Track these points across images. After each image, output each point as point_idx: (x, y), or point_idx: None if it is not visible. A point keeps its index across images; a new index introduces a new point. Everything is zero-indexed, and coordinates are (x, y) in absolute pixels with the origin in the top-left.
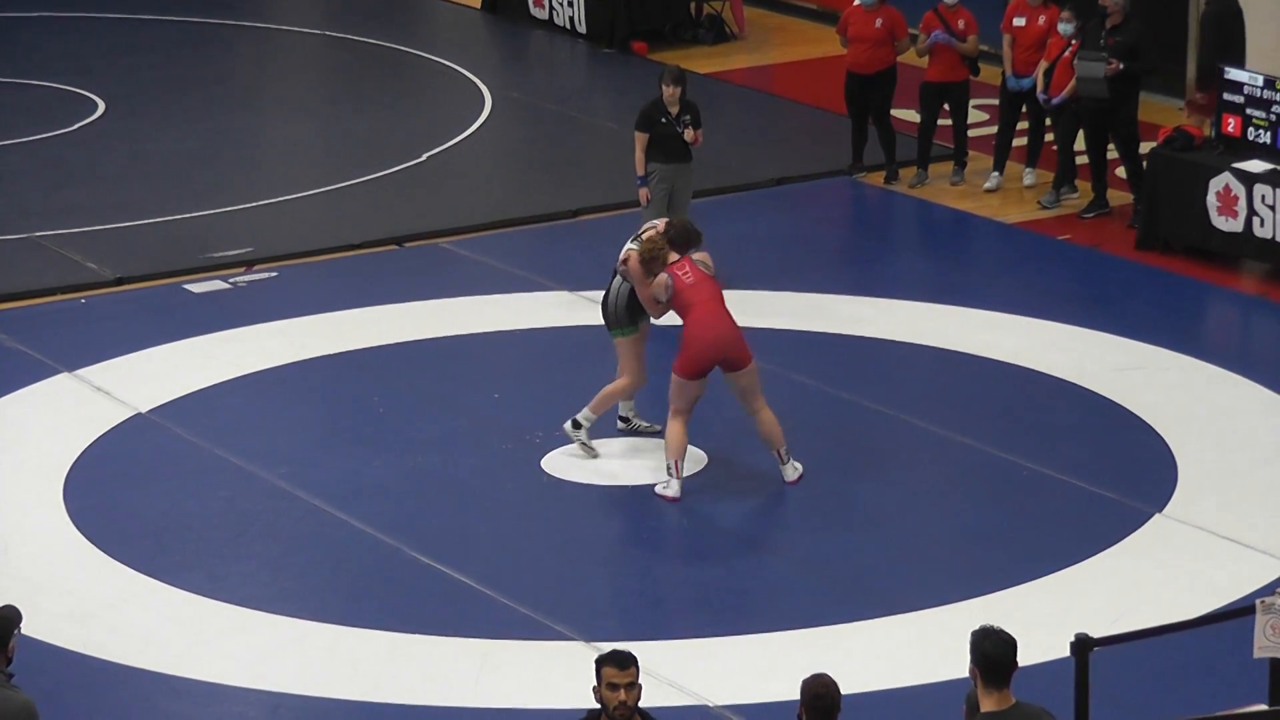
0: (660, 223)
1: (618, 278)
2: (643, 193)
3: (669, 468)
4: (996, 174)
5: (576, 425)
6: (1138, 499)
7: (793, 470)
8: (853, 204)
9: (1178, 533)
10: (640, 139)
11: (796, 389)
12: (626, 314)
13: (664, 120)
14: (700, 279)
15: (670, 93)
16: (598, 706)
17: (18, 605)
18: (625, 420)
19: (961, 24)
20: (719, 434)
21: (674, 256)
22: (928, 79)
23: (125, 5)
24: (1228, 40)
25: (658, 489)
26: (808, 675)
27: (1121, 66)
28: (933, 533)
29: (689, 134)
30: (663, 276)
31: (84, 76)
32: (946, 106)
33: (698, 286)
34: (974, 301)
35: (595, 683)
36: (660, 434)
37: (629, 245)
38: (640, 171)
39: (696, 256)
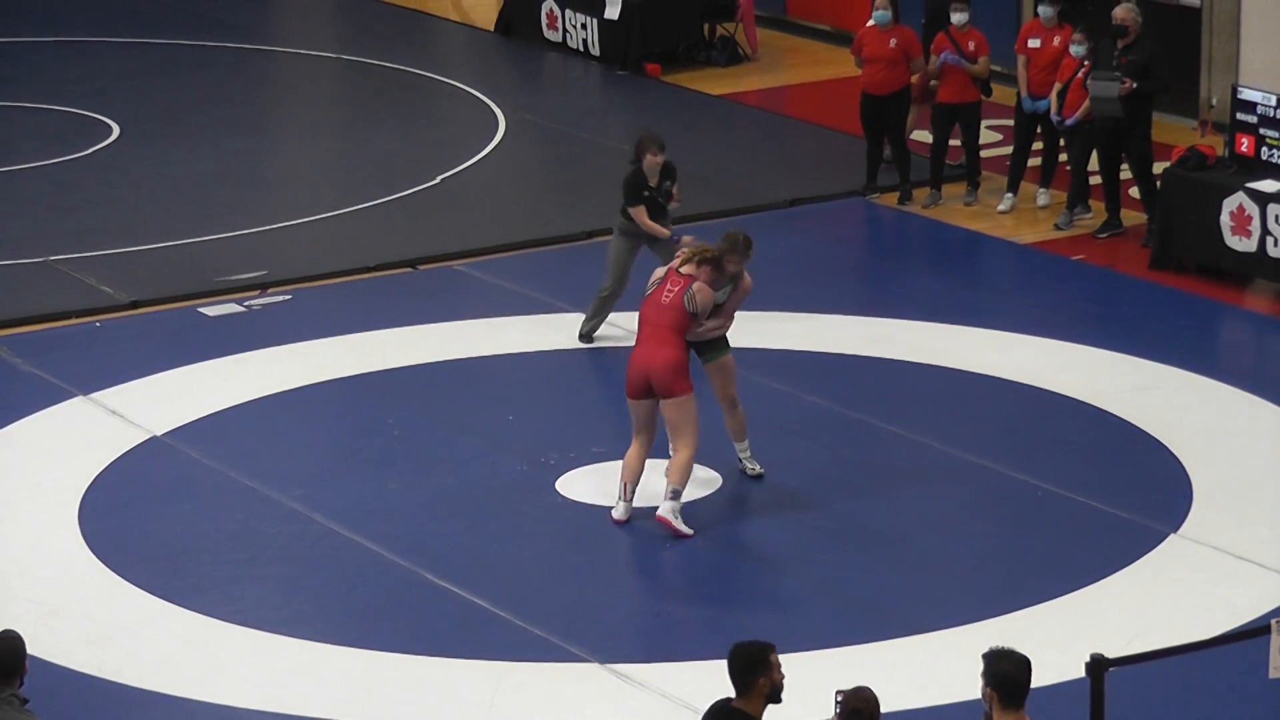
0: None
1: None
2: (685, 240)
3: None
4: (1010, 195)
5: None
6: (1152, 519)
7: (667, 507)
8: (866, 225)
9: (1193, 552)
10: (639, 211)
11: (810, 409)
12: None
13: (648, 192)
14: (652, 299)
15: (653, 160)
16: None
17: (33, 628)
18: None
19: (972, 45)
20: (732, 454)
21: (689, 268)
22: (939, 100)
23: (140, 29)
24: None
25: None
26: (849, 688)
27: (1135, 86)
28: (947, 553)
29: (673, 203)
30: (662, 270)
31: (98, 100)
32: (959, 127)
33: (658, 308)
34: (988, 321)
35: (761, 677)
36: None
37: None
38: (666, 232)
39: (696, 289)
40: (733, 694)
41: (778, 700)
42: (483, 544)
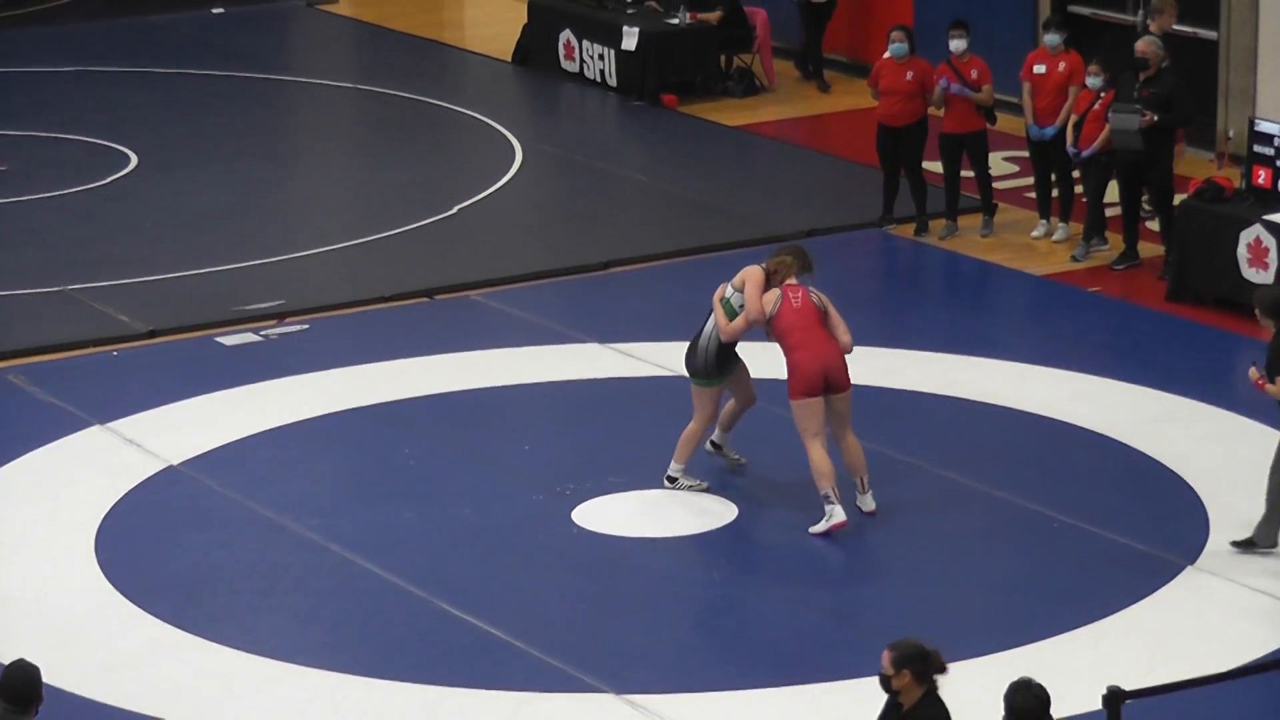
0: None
1: (710, 323)
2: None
3: (825, 496)
4: (1044, 222)
5: (672, 480)
6: (1169, 551)
7: (870, 501)
8: (883, 255)
9: (1210, 585)
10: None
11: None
12: (716, 364)
13: None
14: (806, 307)
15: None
16: None
17: (49, 656)
18: (717, 447)
19: (974, 74)
20: (748, 485)
21: (792, 280)
22: (944, 130)
23: (157, 60)
24: None
25: (815, 528)
26: None
27: (1156, 119)
28: (964, 585)
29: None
30: (775, 291)
31: (116, 130)
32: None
33: (802, 312)
34: (1004, 353)
35: None
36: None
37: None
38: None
39: (815, 295)
40: None
41: None
42: (499, 574)
